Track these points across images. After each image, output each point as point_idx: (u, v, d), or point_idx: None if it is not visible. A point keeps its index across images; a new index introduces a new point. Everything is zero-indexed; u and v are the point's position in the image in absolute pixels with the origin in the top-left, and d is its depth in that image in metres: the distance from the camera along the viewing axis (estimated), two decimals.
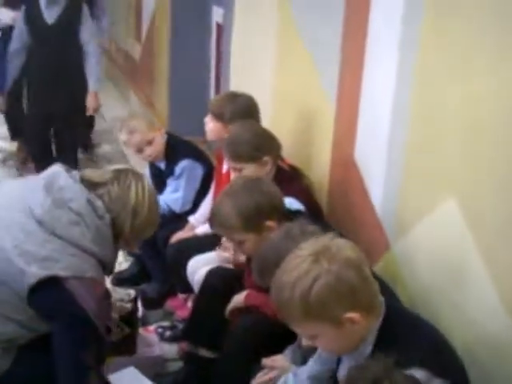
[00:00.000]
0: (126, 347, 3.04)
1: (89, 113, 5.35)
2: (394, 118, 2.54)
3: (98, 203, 2.28)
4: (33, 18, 5.11)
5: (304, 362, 2.31)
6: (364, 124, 2.80)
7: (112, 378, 2.82)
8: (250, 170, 2.93)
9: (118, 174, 2.38)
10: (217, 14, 5.67)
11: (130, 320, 3.04)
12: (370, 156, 2.75)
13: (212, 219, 2.57)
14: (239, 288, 2.77)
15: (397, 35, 2.49)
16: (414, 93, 2.42)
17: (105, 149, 6.89)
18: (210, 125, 3.47)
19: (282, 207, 2.55)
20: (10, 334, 2.27)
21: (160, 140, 3.76)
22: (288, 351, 2.41)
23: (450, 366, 1.80)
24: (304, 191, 2.95)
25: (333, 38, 3.02)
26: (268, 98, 3.81)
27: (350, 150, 2.89)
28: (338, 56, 2.99)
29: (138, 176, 2.42)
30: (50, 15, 5.04)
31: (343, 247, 1.80)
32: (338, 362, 1.99)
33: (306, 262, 1.76)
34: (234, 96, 3.44)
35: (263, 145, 2.97)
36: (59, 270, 2.18)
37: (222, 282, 2.89)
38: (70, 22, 5.10)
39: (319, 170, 3.23)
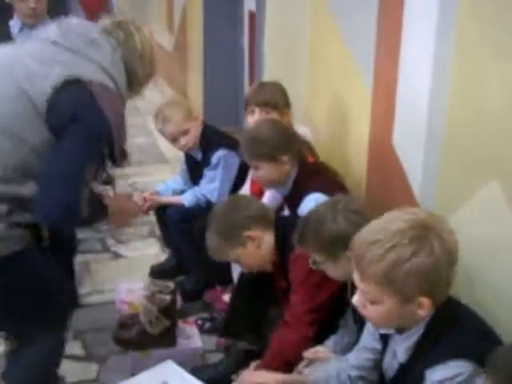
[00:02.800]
0: (166, 339, 3.04)
1: None
2: (432, 99, 2.47)
3: (110, 38, 2.36)
4: None
5: (344, 351, 2.29)
6: (402, 107, 2.72)
7: (150, 372, 2.83)
8: (266, 169, 2.88)
9: (119, 23, 2.46)
10: (249, 2, 5.64)
11: (169, 312, 3.03)
12: (408, 140, 2.68)
13: (209, 252, 2.72)
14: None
15: (434, 13, 2.40)
16: (453, 73, 2.34)
17: (139, 141, 6.90)
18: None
19: (261, 216, 2.64)
20: (21, 158, 2.15)
21: (195, 130, 3.71)
22: (329, 342, 2.39)
23: None
24: (330, 183, 2.88)
25: (368, 21, 2.96)
26: (303, 86, 3.76)
27: (388, 135, 2.82)
28: (374, 39, 2.93)
29: (139, 26, 2.49)
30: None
31: (453, 236, 1.75)
32: (383, 352, 1.95)
33: (413, 230, 1.70)
34: (271, 84, 3.38)
35: (282, 144, 2.88)
36: (82, 73, 2.20)
37: (257, 277, 2.85)
38: None
39: (357, 156, 3.17)
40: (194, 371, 2.86)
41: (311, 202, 2.74)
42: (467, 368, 1.68)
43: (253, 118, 3.32)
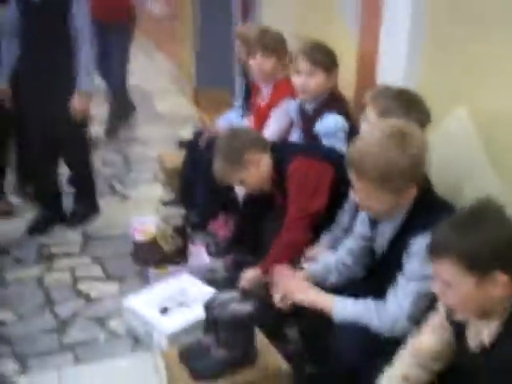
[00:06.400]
0: (179, 256, 3.44)
1: (75, 117, 3.95)
2: (410, 39, 2.81)
3: None
4: None
5: (335, 245, 2.70)
6: (385, 50, 3.07)
7: (168, 282, 3.20)
8: (320, 78, 3.23)
9: None
10: None
11: (182, 232, 3.43)
12: (390, 77, 3.00)
13: (217, 177, 3.06)
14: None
15: None
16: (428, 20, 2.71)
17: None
18: (267, 63, 3.66)
19: (256, 140, 3.03)
20: None
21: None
22: (322, 240, 2.83)
23: None
24: (351, 115, 3.27)
25: None
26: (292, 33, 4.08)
27: (372, 74, 3.19)
28: None
29: None
30: None
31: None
32: (374, 237, 2.36)
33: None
34: (274, 30, 3.77)
35: (336, 59, 3.30)
36: None
37: (258, 198, 3.22)
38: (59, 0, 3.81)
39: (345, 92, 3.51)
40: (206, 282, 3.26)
41: (331, 120, 3.16)
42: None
43: (255, 61, 3.70)
